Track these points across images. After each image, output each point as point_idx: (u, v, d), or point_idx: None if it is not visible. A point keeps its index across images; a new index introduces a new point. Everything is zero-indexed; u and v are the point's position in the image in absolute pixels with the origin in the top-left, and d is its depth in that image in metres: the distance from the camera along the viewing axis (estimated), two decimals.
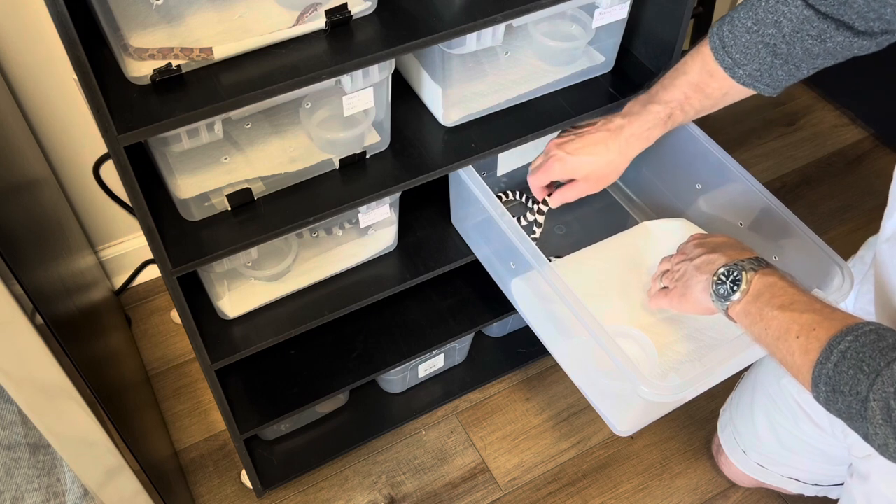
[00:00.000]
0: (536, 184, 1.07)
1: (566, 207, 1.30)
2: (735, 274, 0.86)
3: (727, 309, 0.87)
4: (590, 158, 1.01)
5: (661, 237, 1.15)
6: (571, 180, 1.05)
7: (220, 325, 1.06)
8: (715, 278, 0.89)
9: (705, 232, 1.13)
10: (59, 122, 1.31)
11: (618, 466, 1.43)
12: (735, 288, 0.86)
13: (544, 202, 1.09)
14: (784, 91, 0.95)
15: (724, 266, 0.88)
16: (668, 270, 1.01)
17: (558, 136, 1.05)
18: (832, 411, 0.75)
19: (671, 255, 1.03)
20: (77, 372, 0.83)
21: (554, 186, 1.08)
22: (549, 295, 1.00)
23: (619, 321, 1.05)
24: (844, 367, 0.72)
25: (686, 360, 1.02)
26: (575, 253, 1.15)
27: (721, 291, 0.87)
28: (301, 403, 1.21)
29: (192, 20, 0.82)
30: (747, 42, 0.90)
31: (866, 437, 0.71)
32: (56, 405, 0.82)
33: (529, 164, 1.23)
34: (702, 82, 0.95)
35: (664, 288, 1.01)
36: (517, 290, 1.08)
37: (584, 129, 1.03)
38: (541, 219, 1.19)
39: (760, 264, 0.86)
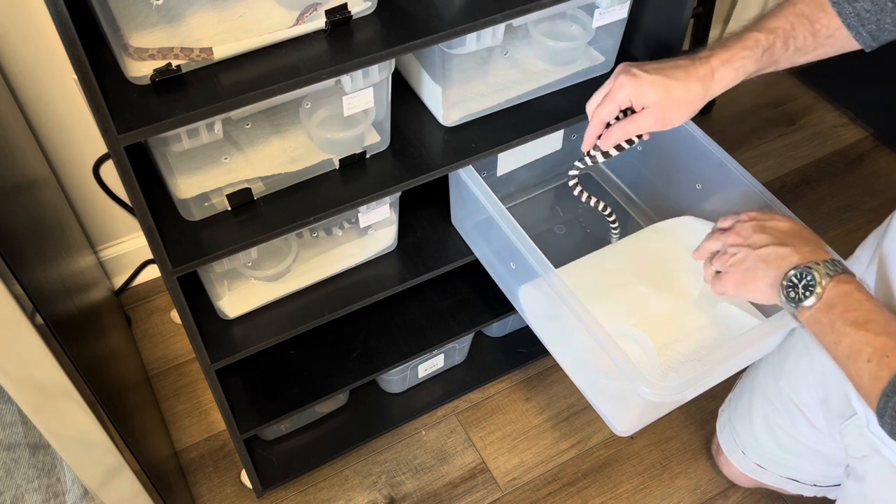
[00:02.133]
0: (603, 116, 0.93)
1: (567, 207, 1.31)
2: (808, 278, 0.81)
3: (795, 312, 0.83)
4: (667, 80, 0.89)
5: (668, 235, 1.14)
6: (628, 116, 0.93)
7: (220, 325, 1.06)
8: (785, 281, 0.83)
9: (712, 224, 1.11)
10: (59, 122, 1.31)
11: (618, 466, 1.43)
12: (808, 294, 0.81)
13: (595, 150, 0.97)
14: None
15: (796, 268, 0.83)
16: (717, 252, 0.95)
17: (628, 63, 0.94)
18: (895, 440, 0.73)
19: (717, 232, 0.96)
20: (77, 372, 0.83)
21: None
22: (550, 295, 1.00)
23: (620, 322, 1.05)
24: None
25: (686, 360, 1.02)
26: (581, 258, 1.14)
27: (791, 295, 0.82)
28: (301, 403, 1.21)
29: (192, 20, 0.82)
30: None
31: None
32: (56, 405, 0.82)
33: (529, 163, 1.24)
34: (811, 14, 0.88)
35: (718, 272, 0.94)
36: (524, 296, 1.07)
37: (663, 60, 0.93)
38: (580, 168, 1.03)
39: (836, 269, 0.81)
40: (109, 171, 1.41)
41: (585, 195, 1.07)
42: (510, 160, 1.22)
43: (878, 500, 1.01)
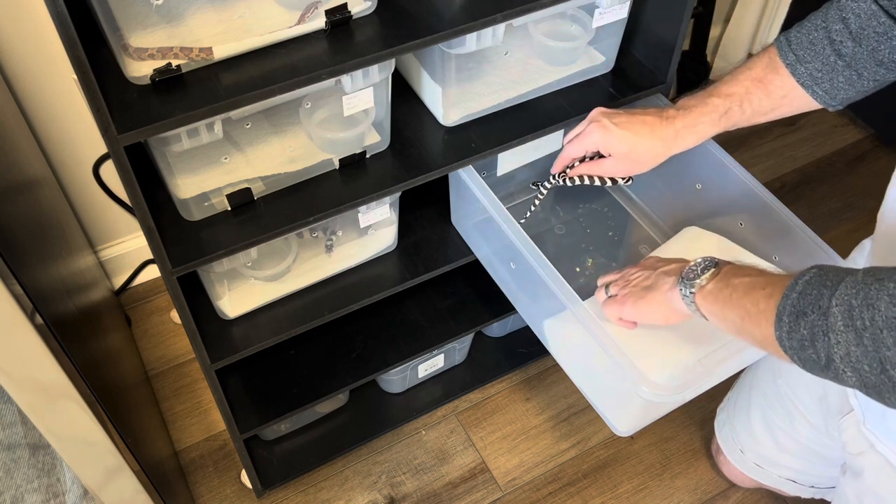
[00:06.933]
0: (571, 153, 1.03)
1: (567, 207, 1.31)
2: (706, 262, 0.87)
3: (695, 294, 0.86)
4: (632, 137, 0.98)
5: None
6: (599, 158, 1.02)
7: (220, 325, 1.06)
8: (685, 272, 0.88)
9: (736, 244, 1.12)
10: (59, 122, 1.31)
11: (618, 466, 1.43)
12: (705, 272, 0.86)
13: (561, 176, 1.05)
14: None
15: (694, 262, 0.89)
16: (615, 280, 1.01)
17: (606, 108, 1.03)
18: (794, 348, 0.72)
19: (618, 270, 1.03)
20: (77, 372, 0.83)
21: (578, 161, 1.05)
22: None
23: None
24: (809, 289, 0.71)
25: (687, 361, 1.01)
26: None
27: (690, 275, 0.87)
28: (301, 403, 1.21)
29: (192, 20, 0.82)
30: (813, 39, 0.90)
31: (829, 360, 0.68)
32: (56, 405, 0.82)
33: (529, 163, 1.24)
34: (765, 78, 0.94)
35: (612, 297, 1.00)
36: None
37: (636, 110, 1.01)
38: (542, 194, 1.12)
39: (729, 263, 0.87)
40: (109, 171, 1.41)
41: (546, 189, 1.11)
42: (510, 160, 1.22)
43: (874, 496, 1.01)
